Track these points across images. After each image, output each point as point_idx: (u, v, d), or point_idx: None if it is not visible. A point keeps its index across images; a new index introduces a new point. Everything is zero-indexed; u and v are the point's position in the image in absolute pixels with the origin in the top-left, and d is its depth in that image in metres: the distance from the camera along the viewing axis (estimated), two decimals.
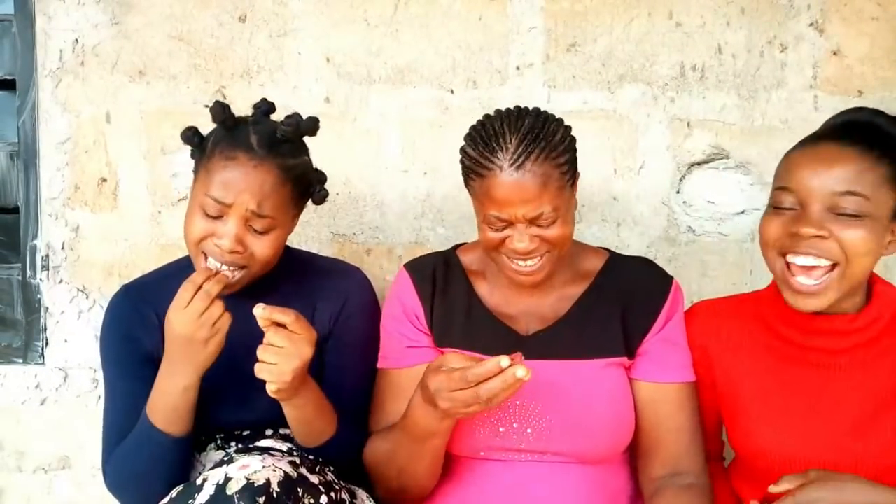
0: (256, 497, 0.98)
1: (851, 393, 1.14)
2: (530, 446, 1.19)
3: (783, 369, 1.19)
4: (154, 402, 1.15)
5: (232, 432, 1.28)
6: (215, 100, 1.19)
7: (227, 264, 1.16)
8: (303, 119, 1.21)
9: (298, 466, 1.08)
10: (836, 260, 1.08)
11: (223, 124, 1.17)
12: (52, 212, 1.66)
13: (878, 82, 1.57)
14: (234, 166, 1.14)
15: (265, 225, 1.16)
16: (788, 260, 1.11)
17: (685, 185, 1.62)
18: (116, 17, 1.62)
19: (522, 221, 1.12)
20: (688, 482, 1.20)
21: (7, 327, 1.71)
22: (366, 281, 1.37)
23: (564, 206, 1.15)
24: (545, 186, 1.10)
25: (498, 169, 1.10)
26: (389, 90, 1.62)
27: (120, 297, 1.31)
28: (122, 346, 1.27)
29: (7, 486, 1.71)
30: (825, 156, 1.09)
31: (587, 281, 1.28)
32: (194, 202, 1.17)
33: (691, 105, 1.59)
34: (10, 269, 1.70)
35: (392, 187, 1.63)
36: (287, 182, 1.17)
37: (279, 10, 1.61)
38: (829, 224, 1.07)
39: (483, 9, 1.59)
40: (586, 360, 1.22)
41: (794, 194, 1.11)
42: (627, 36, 1.59)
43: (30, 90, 1.64)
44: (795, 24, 1.57)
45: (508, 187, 1.10)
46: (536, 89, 1.60)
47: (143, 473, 1.18)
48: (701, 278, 1.61)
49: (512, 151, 1.10)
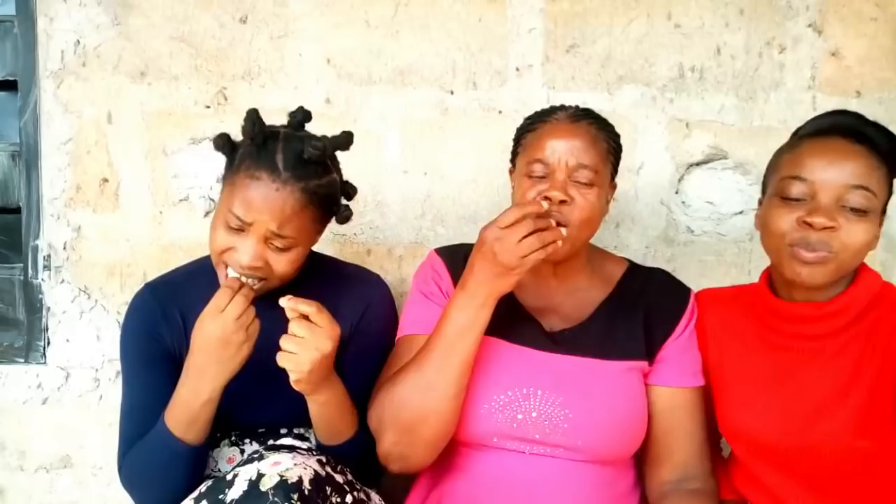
0: (290, 494, 0.98)
1: (825, 377, 1.16)
2: (545, 438, 1.20)
3: (766, 356, 1.21)
4: (173, 410, 1.15)
5: (247, 429, 1.28)
6: (249, 109, 1.16)
7: (247, 276, 1.16)
8: (330, 139, 1.19)
9: (325, 465, 1.08)
10: (836, 252, 1.10)
11: (253, 139, 1.15)
12: (53, 212, 1.67)
13: (876, 83, 1.58)
14: (256, 186, 1.12)
15: (285, 244, 1.16)
16: (794, 252, 1.13)
17: (684, 186, 1.63)
18: (118, 18, 1.63)
19: (564, 170, 1.18)
20: (694, 486, 1.22)
21: (9, 327, 1.72)
22: (387, 290, 1.38)
23: (601, 183, 1.21)
24: (594, 144, 1.20)
25: (555, 119, 1.23)
26: (390, 91, 1.62)
27: (145, 295, 1.30)
28: (145, 344, 1.27)
29: (9, 486, 1.72)
30: (839, 150, 1.12)
31: (609, 286, 1.31)
32: (220, 213, 1.17)
33: (690, 106, 1.60)
34: (12, 269, 1.71)
35: (392, 187, 1.64)
36: (310, 204, 1.16)
37: (280, 12, 1.62)
38: (838, 216, 1.09)
39: (483, 10, 1.60)
40: (611, 361, 1.23)
41: (805, 184, 1.12)
42: (626, 37, 1.59)
43: (31, 91, 1.65)
44: (794, 25, 1.58)
45: (563, 130, 1.20)
46: (536, 90, 1.60)
47: (157, 477, 1.18)
48: (700, 278, 1.61)
49: (570, 111, 1.24)
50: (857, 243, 1.10)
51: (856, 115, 1.16)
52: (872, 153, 1.12)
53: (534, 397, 1.20)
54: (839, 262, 1.11)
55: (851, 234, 1.10)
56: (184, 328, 1.27)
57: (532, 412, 1.19)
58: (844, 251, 1.10)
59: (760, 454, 1.20)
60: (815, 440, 1.14)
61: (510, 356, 1.23)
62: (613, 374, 1.23)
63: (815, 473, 1.16)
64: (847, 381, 1.14)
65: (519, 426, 1.19)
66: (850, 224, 1.10)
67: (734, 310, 1.28)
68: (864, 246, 1.11)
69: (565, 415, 1.19)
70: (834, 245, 1.10)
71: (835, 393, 1.14)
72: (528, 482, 1.20)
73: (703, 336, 1.29)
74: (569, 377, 1.21)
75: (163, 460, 1.16)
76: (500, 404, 1.20)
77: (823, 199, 1.11)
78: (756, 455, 1.21)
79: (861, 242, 1.11)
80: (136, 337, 1.28)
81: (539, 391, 1.20)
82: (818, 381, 1.16)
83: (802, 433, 1.15)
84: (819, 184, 1.11)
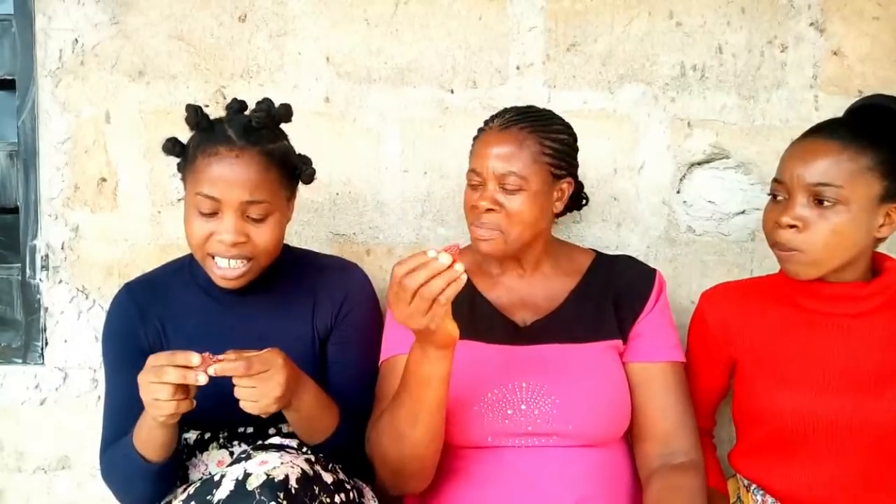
0: (276, 492, 0.98)
1: (868, 353, 1.21)
2: (538, 429, 1.22)
3: (805, 336, 1.25)
4: (138, 430, 1.16)
5: (235, 430, 1.29)
6: (187, 105, 1.21)
7: (233, 258, 1.18)
8: (274, 105, 1.23)
9: (314, 464, 1.08)
10: (802, 250, 1.19)
11: (198, 127, 1.20)
12: (51, 212, 1.66)
13: (878, 82, 1.57)
14: (217, 161, 1.16)
15: (261, 210, 1.18)
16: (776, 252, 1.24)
17: (685, 185, 1.62)
18: (116, 17, 1.62)
19: (492, 179, 1.24)
20: (679, 461, 1.24)
21: (7, 327, 1.71)
22: (365, 277, 1.38)
23: (537, 185, 1.25)
24: (520, 149, 1.24)
25: (489, 128, 1.29)
26: (389, 90, 1.61)
27: (122, 295, 1.32)
28: (122, 344, 1.29)
29: (7, 487, 1.71)
30: (809, 149, 1.19)
31: (577, 276, 1.36)
32: (189, 207, 1.20)
33: (691, 105, 1.59)
34: (10, 269, 1.70)
35: (392, 187, 1.63)
36: (272, 166, 1.19)
37: (279, 10, 1.61)
38: (809, 213, 1.17)
39: (483, 8, 1.59)
40: (586, 344, 1.28)
41: (783, 185, 1.21)
42: (628, 36, 1.59)
43: (29, 90, 1.64)
44: (796, 24, 1.57)
45: (490, 140, 1.26)
46: (537, 89, 1.60)
47: (124, 485, 1.23)
48: (701, 278, 1.61)
49: (506, 118, 1.28)
50: (825, 239, 1.17)
51: (886, 97, 1.22)
52: (847, 146, 1.16)
53: (520, 390, 1.23)
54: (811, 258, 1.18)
55: (822, 227, 1.17)
56: (161, 328, 1.29)
57: (521, 405, 1.22)
58: (812, 247, 1.18)
59: (808, 432, 1.21)
60: (870, 415, 1.18)
61: (489, 356, 1.26)
62: (590, 355, 1.27)
63: (864, 450, 1.19)
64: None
65: (511, 421, 1.22)
66: (823, 218, 1.17)
67: (757, 299, 1.33)
68: (840, 238, 1.17)
69: (552, 401, 1.22)
70: (805, 245, 1.18)
71: (891, 368, 1.19)
72: (526, 475, 1.21)
73: (727, 330, 1.33)
74: (550, 364, 1.25)
75: (128, 472, 1.19)
76: (489, 404, 1.23)
77: (795, 199, 1.19)
78: (795, 436, 1.23)
79: (831, 236, 1.16)
80: (114, 337, 1.30)
81: (524, 383, 1.23)
82: (868, 356, 1.21)
83: (858, 409, 1.19)
84: (792, 184, 1.19)
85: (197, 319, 1.29)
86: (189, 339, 1.26)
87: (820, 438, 1.21)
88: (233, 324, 1.28)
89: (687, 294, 1.60)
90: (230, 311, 1.29)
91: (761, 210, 1.28)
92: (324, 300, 1.31)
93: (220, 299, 1.29)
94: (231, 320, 1.28)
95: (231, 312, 1.29)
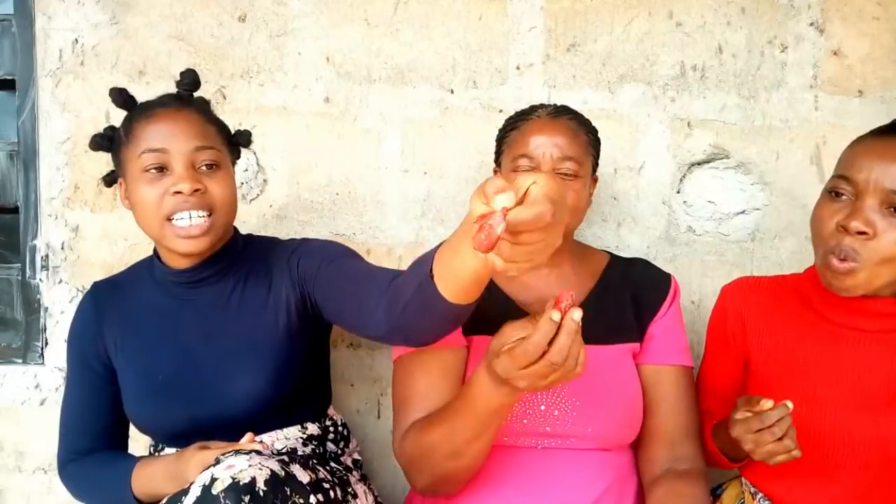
0: (241, 495, 0.96)
1: (886, 371, 1.14)
2: (555, 430, 1.21)
3: (823, 346, 1.19)
4: (144, 478, 1.18)
5: (210, 437, 1.22)
6: (111, 89, 1.23)
7: (193, 209, 1.15)
8: (197, 74, 1.25)
9: (288, 465, 1.06)
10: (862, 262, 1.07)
11: (126, 105, 1.22)
12: (51, 212, 1.66)
13: (878, 82, 1.57)
14: (157, 118, 1.16)
15: (211, 156, 1.17)
16: (829, 259, 1.10)
17: (685, 185, 1.62)
18: (116, 17, 1.62)
19: (549, 163, 1.23)
20: (684, 467, 1.24)
21: (6, 327, 1.71)
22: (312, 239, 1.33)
23: (584, 174, 1.26)
24: (576, 137, 1.25)
25: (536, 117, 1.28)
26: (389, 90, 1.61)
27: (86, 296, 1.34)
28: (81, 345, 1.31)
29: (7, 487, 1.71)
30: (890, 150, 1.07)
31: (595, 276, 1.35)
32: (136, 180, 1.17)
33: (691, 105, 1.59)
34: (10, 269, 1.70)
35: (392, 187, 1.63)
36: (210, 121, 1.21)
37: (279, 10, 1.61)
38: (879, 220, 1.05)
39: (483, 8, 1.59)
40: (606, 346, 1.27)
41: (851, 185, 1.09)
42: (627, 36, 1.59)
43: (29, 90, 1.64)
44: (796, 24, 1.57)
45: (545, 125, 1.26)
46: (536, 89, 1.60)
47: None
48: (701, 278, 1.61)
49: (550, 109, 1.29)
50: (883, 252, 1.05)
51: None
52: None
53: (541, 391, 1.20)
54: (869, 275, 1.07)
55: (882, 241, 1.05)
56: (119, 328, 1.28)
57: (541, 405, 1.21)
58: (868, 261, 1.06)
59: (811, 441, 1.14)
60: (881, 430, 1.13)
61: None
62: (612, 358, 1.26)
63: (874, 467, 1.14)
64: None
65: (529, 422, 1.21)
66: (889, 230, 1.04)
67: (776, 298, 1.27)
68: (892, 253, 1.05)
69: (572, 403, 1.21)
70: (863, 257, 1.06)
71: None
72: (537, 475, 1.20)
73: (743, 323, 1.28)
74: None
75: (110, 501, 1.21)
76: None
77: (866, 202, 1.06)
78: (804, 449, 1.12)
79: (889, 251, 1.05)
80: (74, 338, 1.32)
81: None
82: (886, 375, 1.14)
83: (869, 424, 1.13)
84: (864, 185, 1.07)
85: (153, 318, 1.26)
86: (144, 337, 1.25)
87: (830, 453, 1.16)
88: (190, 319, 1.25)
89: (687, 294, 1.60)
90: (187, 306, 1.25)
91: (761, 210, 1.27)
92: (277, 273, 1.26)
93: (177, 296, 1.26)
94: (188, 315, 1.25)
95: (188, 308, 1.25)
